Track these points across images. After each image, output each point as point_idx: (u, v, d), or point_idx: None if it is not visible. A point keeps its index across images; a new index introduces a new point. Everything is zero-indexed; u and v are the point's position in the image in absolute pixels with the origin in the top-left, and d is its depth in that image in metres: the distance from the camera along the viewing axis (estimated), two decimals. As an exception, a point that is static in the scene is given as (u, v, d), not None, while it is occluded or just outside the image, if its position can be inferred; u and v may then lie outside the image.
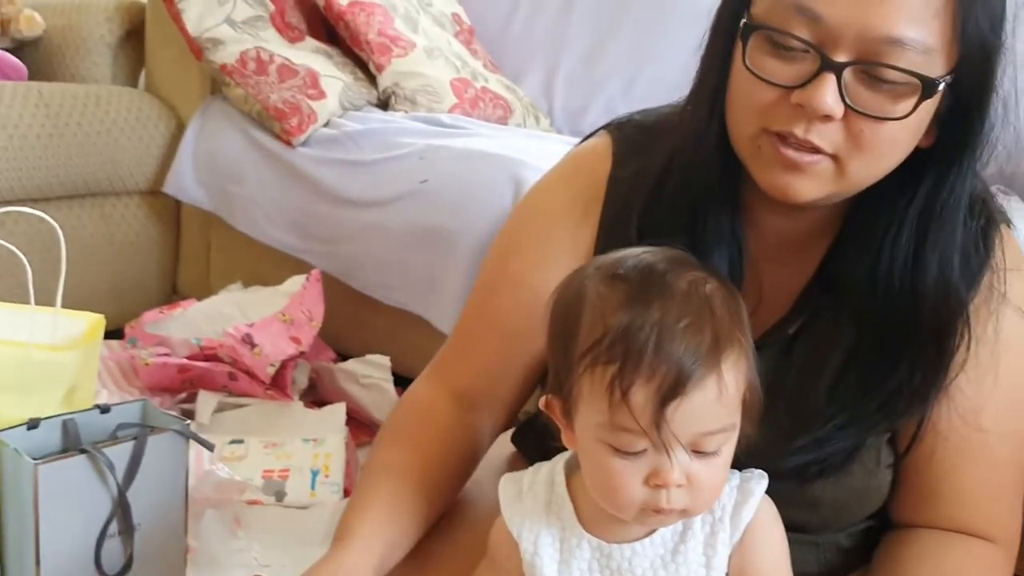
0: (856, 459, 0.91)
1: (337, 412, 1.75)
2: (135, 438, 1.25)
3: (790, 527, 0.86)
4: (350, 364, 1.89)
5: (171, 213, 2.34)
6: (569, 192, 1.00)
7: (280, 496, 1.55)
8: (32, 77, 2.33)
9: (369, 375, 1.85)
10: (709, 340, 0.75)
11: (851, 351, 0.92)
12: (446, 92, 2.18)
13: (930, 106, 0.83)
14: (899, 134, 0.83)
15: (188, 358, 1.76)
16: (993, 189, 0.94)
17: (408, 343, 1.82)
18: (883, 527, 0.98)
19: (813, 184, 0.84)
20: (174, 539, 1.28)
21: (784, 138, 0.83)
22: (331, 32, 2.28)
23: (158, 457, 1.28)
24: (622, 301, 0.77)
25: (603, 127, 1.04)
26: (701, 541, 0.82)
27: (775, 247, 0.95)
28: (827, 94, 0.80)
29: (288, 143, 2.00)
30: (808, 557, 0.96)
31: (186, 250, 2.36)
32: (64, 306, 1.38)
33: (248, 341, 1.70)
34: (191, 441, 1.28)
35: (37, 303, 1.35)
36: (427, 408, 1.02)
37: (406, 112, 2.11)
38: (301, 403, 1.79)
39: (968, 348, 0.89)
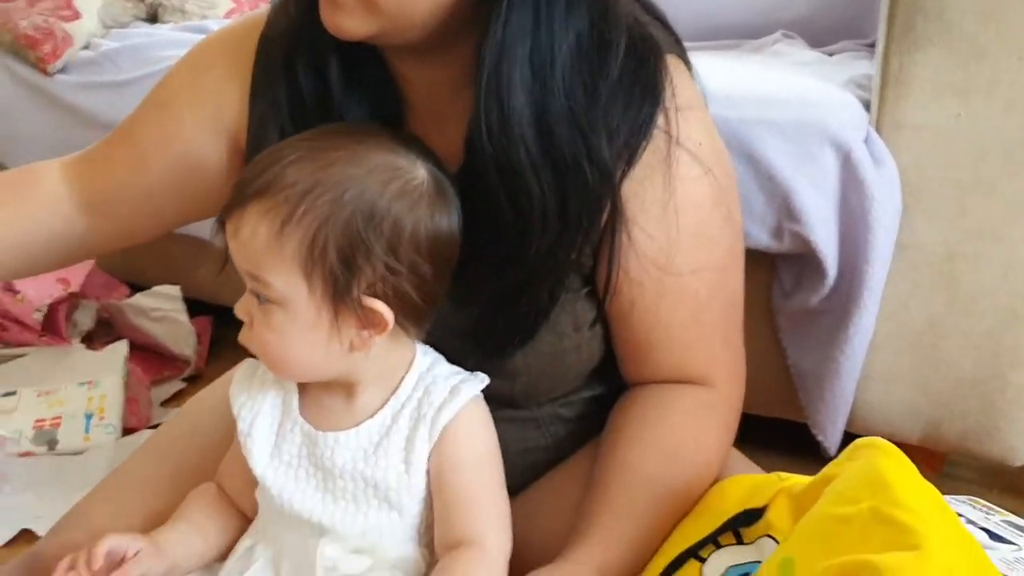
0: (546, 325, 0.84)
1: (117, 350, 1.65)
2: None
3: (499, 402, 0.82)
4: (138, 298, 1.79)
5: (-48, 163, 2.18)
6: (222, 47, 0.94)
7: (52, 445, 1.45)
8: None
9: (159, 307, 1.75)
10: (260, 182, 0.73)
11: (504, 218, 0.80)
12: (219, -2, 2.04)
13: None
14: None
15: (-49, 313, 1.64)
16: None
17: (208, 269, 1.72)
18: (615, 394, 0.93)
19: (353, 21, 0.76)
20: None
21: None
22: (96, -53, 2.10)
23: None
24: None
25: None
26: (404, 437, 0.78)
27: (428, 104, 0.86)
28: None
29: (44, 71, 1.85)
30: (532, 434, 0.93)
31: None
32: None
33: (9, 288, 1.58)
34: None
35: None
36: (35, 173, 0.97)
37: (175, 24, 1.97)
38: (83, 346, 1.68)
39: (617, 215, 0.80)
